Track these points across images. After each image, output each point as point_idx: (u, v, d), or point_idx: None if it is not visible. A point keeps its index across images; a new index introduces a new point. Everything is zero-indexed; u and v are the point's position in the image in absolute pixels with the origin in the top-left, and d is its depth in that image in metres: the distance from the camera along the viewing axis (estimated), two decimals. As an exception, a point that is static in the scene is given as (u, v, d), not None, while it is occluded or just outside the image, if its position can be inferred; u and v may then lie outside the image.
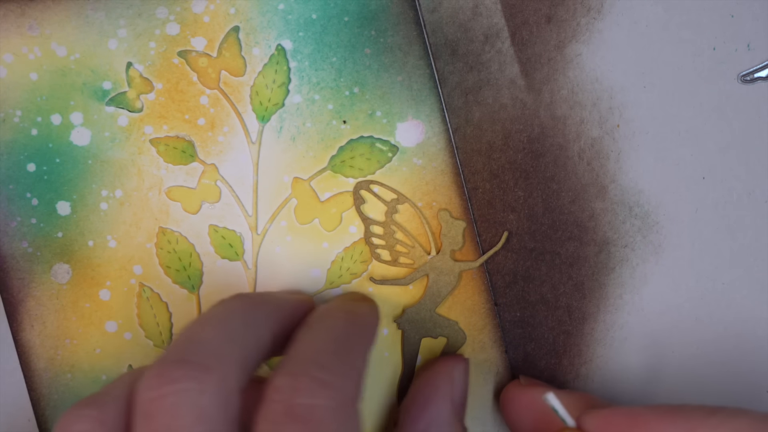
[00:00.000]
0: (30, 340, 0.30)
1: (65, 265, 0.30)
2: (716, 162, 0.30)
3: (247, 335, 0.25)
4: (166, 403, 0.22)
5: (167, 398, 0.22)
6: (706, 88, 0.30)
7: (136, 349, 0.30)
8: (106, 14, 0.29)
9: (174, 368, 0.23)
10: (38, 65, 0.29)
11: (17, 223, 0.30)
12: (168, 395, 0.22)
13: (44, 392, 0.30)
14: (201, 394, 0.22)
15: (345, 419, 0.23)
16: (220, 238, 0.30)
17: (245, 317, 0.26)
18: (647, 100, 0.30)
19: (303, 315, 0.28)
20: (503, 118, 0.30)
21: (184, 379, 0.23)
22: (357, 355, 0.26)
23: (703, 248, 0.31)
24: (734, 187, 0.30)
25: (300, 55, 0.30)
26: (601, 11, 0.30)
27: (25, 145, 0.30)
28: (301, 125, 0.30)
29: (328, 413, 0.23)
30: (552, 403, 0.27)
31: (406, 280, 0.30)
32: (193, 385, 0.23)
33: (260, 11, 0.29)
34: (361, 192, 0.30)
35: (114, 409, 0.24)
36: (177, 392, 0.22)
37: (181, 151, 0.30)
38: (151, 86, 0.30)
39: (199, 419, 0.22)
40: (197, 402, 0.22)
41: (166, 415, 0.22)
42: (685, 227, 0.30)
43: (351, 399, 0.24)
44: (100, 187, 0.30)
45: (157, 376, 0.23)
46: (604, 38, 0.30)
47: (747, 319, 0.31)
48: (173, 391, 0.23)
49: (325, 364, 0.24)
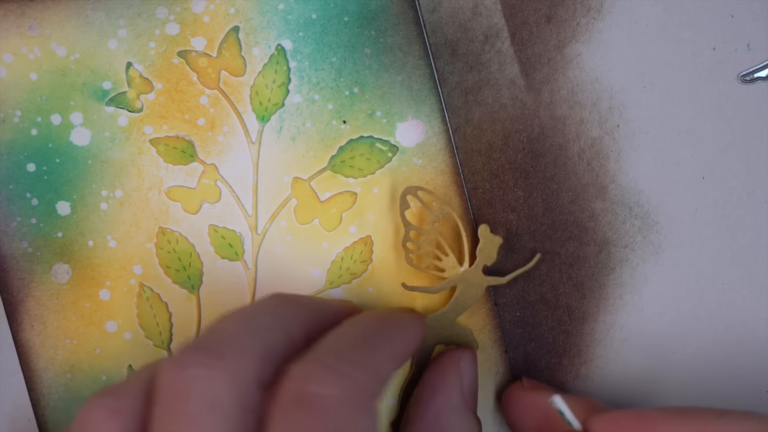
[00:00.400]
0: (30, 340, 0.30)
1: (65, 265, 0.30)
2: (716, 162, 0.30)
3: (275, 330, 0.25)
4: (178, 387, 0.22)
5: (180, 383, 0.22)
6: (706, 88, 0.30)
7: (136, 349, 0.30)
8: (106, 14, 0.29)
9: (189, 354, 0.23)
10: (38, 65, 0.29)
11: (17, 223, 0.30)
12: (180, 380, 0.22)
13: (44, 392, 0.30)
14: (213, 381, 0.22)
15: (357, 413, 0.22)
16: (220, 238, 0.30)
17: (276, 314, 0.25)
18: (647, 100, 0.30)
19: (345, 318, 0.27)
20: (503, 118, 0.30)
21: (197, 364, 0.23)
22: (383, 354, 0.25)
23: (703, 248, 0.31)
24: (734, 187, 0.30)
25: (300, 55, 0.30)
26: (600, 11, 0.30)
27: (25, 145, 0.30)
28: (301, 125, 0.30)
29: (340, 404, 0.22)
30: (559, 405, 0.27)
31: (436, 288, 0.30)
32: (205, 371, 0.22)
33: (260, 11, 0.29)
34: (407, 197, 0.30)
35: (131, 398, 0.24)
36: (189, 377, 0.22)
37: (181, 151, 0.30)
38: (151, 86, 0.30)
39: (210, 406, 0.22)
40: (209, 388, 0.22)
41: (178, 399, 0.22)
42: (685, 227, 0.30)
43: (367, 394, 0.23)
44: (100, 187, 0.30)
45: (172, 362, 0.23)
46: (604, 38, 0.30)
47: (747, 319, 0.31)
48: (185, 376, 0.22)
49: (342, 355, 0.23)
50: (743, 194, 0.30)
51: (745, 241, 0.30)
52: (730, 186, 0.30)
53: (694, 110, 0.30)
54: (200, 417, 0.22)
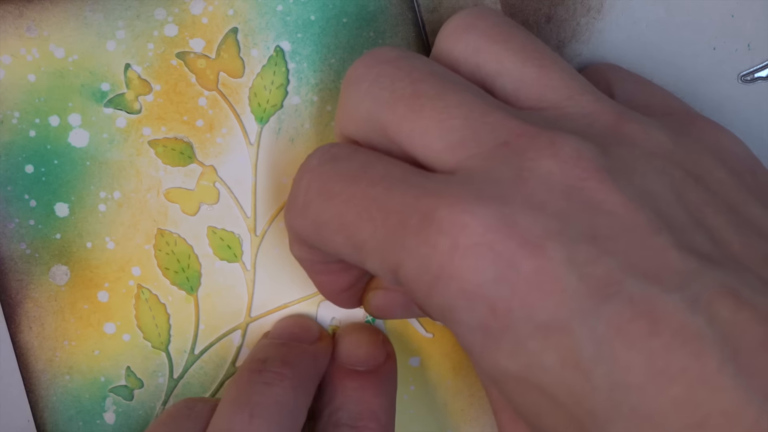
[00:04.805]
0: (28, 341, 0.30)
1: (63, 266, 0.30)
2: (716, 163, 0.30)
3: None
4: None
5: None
6: (706, 88, 0.30)
7: (134, 351, 0.30)
8: (105, 16, 0.29)
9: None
10: (36, 67, 0.29)
11: (15, 225, 0.30)
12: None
13: (42, 393, 0.30)
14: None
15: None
16: (219, 240, 0.30)
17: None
18: (647, 101, 0.30)
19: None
20: (503, 118, 0.30)
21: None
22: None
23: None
24: (735, 187, 0.30)
25: (298, 56, 0.29)
26: (601, 11, 0.30)
27: (23, 147, 0.30)
28: (299, 127, 0.30)
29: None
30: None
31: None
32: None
33: (259, 13, 0.29)
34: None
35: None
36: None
37: (180, 153, 0.30)
38: (150, 88, 0.30)
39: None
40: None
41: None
42: (686, 228, 0.30)
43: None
44: (98, 188, 0.30)
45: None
46: (604, 38, 0.30)
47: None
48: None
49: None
50: (743, 195, 0.30)
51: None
52: (731, 187, 0.30)
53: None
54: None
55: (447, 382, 0.31)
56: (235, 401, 0.26)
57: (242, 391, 0.26)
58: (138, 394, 0.31)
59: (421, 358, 0.31)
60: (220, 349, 0.31)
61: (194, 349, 0.31)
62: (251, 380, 0.26)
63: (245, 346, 0.31)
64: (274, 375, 0.26)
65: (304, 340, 0.29)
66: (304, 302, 0.31)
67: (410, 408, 0.31)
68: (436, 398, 0.31)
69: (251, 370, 0.27)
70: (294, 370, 0.27)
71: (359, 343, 0.29)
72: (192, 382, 0.31)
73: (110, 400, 0.31)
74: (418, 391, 0.31)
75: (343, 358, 0.29)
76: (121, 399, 0.31)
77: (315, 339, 0.29)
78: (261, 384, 0.26)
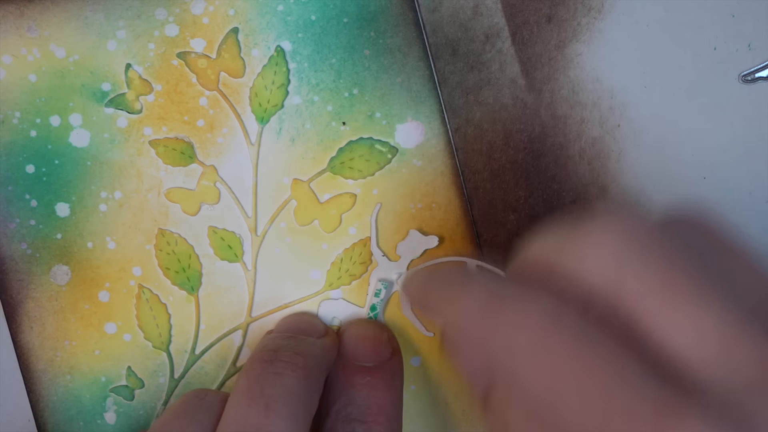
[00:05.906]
0: (29, 341, 0.30)
1: (64, 266, 0.30)
2: (717, 162, 0.30)
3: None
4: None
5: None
6: (706, 88, 0.30)
7: (135, 351, 0.30)
8: (105, 15, 0.29)
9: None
10: (37, 67, 0.29)
11: (16, 225, 0.30)
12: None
13: (43, 393, 0.31)
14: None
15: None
16: (220, 240, 0.30)
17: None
18: (648, 100, 0.30)
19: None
20: (504, 117, 0.30)
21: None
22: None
23: (704, 249, 0.30)
24: (735, 187, 0.30)
25: (299, 56, 0.29)
26: (601, 11, 0.30)
27: (24, 147, 0.30)
28: (300, 126, 0.30)
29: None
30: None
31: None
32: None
33: (259, 12, 0.29)
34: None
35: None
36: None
37: (180, 153, 0.30)
38: (151, 88, 0.30)
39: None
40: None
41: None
42: (686, 228, 0.30)
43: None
44: (99, 188, 0.30)
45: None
46: (604, 38, 0.30)
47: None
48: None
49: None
50: (743, 194, 0.30)
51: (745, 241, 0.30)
52: (731, 186, 0.30)
53: (695, 110, 0.30)
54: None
55: (448, 382, 0.31)
56: (249, 392, 0.26)
57: (255, 382, 0.26)
58: (139, 394, 0.31)
59: (422, 358, 0.31)
60: (221, 349, 0.31)
61: (195, 349, 0.31)
62: (264, 370, 0.26)
63: (246, 346, 0.31)
64: (286, 365, 0.26)
65: (310, 334, 0.29)
66: (305, 302, 0.31)
67: (411, 408, 0.31)
68: (437, 398, 0.31)
69: (263, 360, 0.27)
70: (306, 360, 0.27)
71: (365, 339, 0.29)
72: (193, 382, 0.31)
73: (111, 400, 0.31)
74: (419, 391, 0.31)
75: (350, 354, 0.29)
76: (122, 399, 0.31)
77: (321, 334, 0.29)
78: (273, 374, 0.26)
